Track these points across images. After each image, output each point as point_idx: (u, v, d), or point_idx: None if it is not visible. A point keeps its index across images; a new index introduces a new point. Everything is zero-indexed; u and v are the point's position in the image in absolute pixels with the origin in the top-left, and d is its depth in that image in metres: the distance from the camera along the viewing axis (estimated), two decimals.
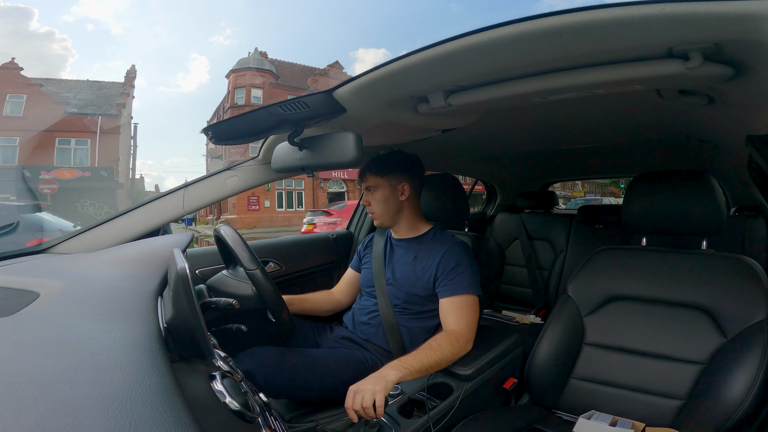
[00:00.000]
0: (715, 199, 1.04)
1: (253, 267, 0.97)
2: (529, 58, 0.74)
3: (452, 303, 1.19)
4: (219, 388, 0.52)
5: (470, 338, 1.16)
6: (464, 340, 1.14)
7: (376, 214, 1.33)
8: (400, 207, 1.33)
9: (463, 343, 1.14)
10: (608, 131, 1.51)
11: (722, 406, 0.90)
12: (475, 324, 1.19)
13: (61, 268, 0.84)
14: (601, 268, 1.20)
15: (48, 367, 0.38)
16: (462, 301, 1.19)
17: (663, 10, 0.57)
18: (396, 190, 1.31)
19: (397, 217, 1.34)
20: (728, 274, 1.02)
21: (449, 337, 1.13)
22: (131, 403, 0.34)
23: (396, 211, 1.33)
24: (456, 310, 1.19)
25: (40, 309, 0.55)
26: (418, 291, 1.25)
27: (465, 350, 1.14)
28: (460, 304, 1.19)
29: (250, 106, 14.57)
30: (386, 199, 1.31)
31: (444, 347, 1.09)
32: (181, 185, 1.26)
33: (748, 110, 0.92)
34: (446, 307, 1.20)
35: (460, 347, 1.13)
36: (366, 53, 46.79)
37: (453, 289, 1.20)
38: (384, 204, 1.31)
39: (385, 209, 1.31)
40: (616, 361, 1.11)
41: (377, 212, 1.32)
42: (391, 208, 1.32)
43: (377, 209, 1.32)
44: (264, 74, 19.58)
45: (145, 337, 0.48)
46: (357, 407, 0.90)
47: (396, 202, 1.32)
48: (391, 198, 1.31)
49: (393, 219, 1.34)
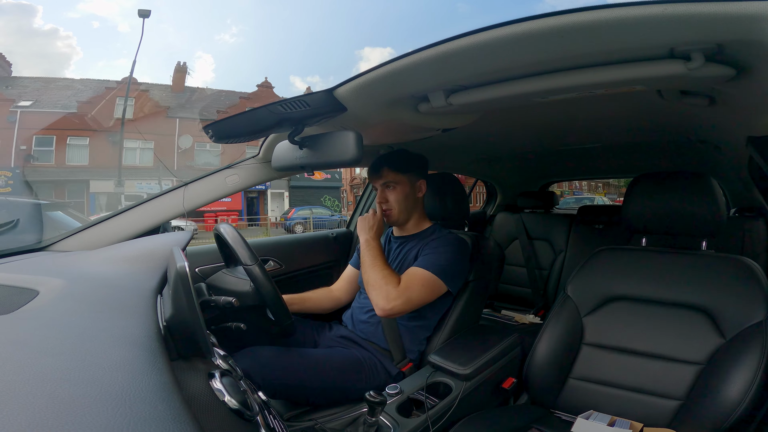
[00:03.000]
0: (714, 200, 1.04)
1: (251, 263, 0.97)
2: (530, 58, 0.74)
3: (411, 270, 1.19)
4: (218, 386, 0.52)
5: (395, 300, 1.10)
6: (396, 295, 1.10)
7: (394, 211, 1.32)
8: (416, 204, 1.34)
9: (393, 296, 1.10)
10: (609, 131, 1.50)
11: (720, 406, 0.90)
12: (416, 299, 1.14)
13: (60, 266, 0.84)
14: (601, 269, 1.20)
15: (47, 365, 0.37)
16: (419, 273, 1.17)
17: (665, 10, 0.57)
18: (415, 187, 1.33)
19: (411, 214, 1.35)
20: (727, 275, 1.02)
21: (393, 286, 1.12)
22: (130, 401, 0.34)
23: (412, 208, 1.34)
24: (408, 276, 1.17)
25: (39, 307, 0.55)
26: None
27: (379, 305, 1.11)
28: (416, 273, 1.17)
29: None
30: (406, 195, 1.32)
31: (386, 281, 1.13)
32: (181, 183, 1.26)
33: (749, 111, 0.92)
34: (409, 272, 1.18)
35: (386, 299, 1.10)
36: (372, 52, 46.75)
37: (419, 263, 1.20)
38: (404, 201, 1.32)
39: (404, 206, 1.32)
40: (615, 362, 1.11)
41: (396, 209, 1.32)
42: (410, 204, 1.33)
43: (397, 206, 1.31)
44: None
45: (145, 335, 0.48)
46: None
47: (414, 198, 1.33)
48: (410, 194, 1.32)
49: (408, 216, 1.34)
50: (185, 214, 1.23)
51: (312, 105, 0.91)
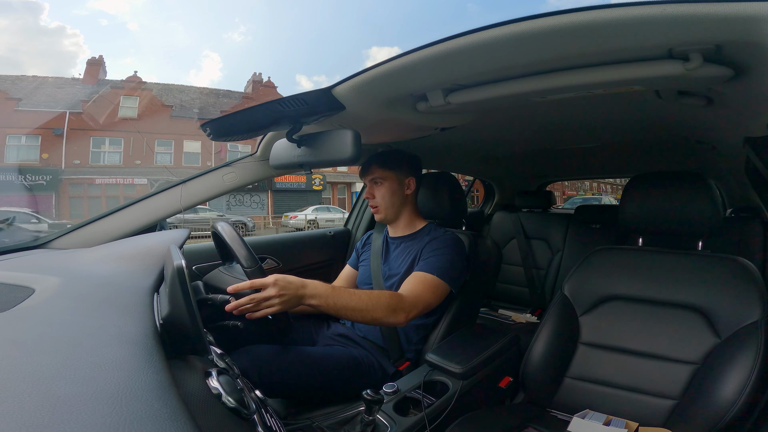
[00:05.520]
0: (711, 200, 1.05)
1: (251, 265, 0.96)
2: (528, 58, 0.74)
3: (416, 275, 1.19)
4: (215, 385, 0.52)
5: (410, 310, 1.10)
6: (403, 307, 1.08)
7: (380, 207, 1.33)
8: (405, 201, 1.34)
9: (401, 310, 1.08)
10: (607, 131, 1.51)
11: (715, 406, 0.90)
12: (425, 304, 1.15)
13: (57, 264, 0.84)
14: (597, 268, 1.21)
15: (43, 363, 0.37)
16: (425, 278, 1.17)
17: (664, 11, 0.57)
18: (403, 184, 1.33)
19: (399, 211, 1.35)
20: (723, 275, 1.03)
21: (392, 297, 1.09)
22: (126, 400, 0.34)
23: (400, 205, 1.34)
24: (415, 281, 1.17)
25: (35, 305, 0.55)
26: None
27: (398, 318, 1.08)
28: (422, 278, 1.17)
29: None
30: (393, 192, 1.32)
31: (379, 302, 1.05)
32: (178, 181, 1.25)
33: (746, 112, 0.92)
34: (410, 278, 1.19)
35: (396, 312, 1.07)
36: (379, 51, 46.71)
37: (421, 267, 1.20)
38: (390, 197, 1.32)
39: (390, 202, 1.32)
40: (611, 361, 1.11)
41: (382, 205, 1.33)
42: (397, 201, 1.33)
43: (382, 202, 1.32)
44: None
45: (141, 333, 0.47)
46: (255, 297, 0.92)
47: (402, 195, 1.33)
48: (397, 191, 1.33)
49: (396, 213, 1.35)
50: (182, 213, 1.23)
51: (310, 103, 0.91)
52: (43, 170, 14.71)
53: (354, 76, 0.87)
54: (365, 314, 1.03)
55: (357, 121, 1.05)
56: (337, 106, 0.95)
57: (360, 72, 0.86)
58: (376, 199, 1.33)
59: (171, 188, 1.23)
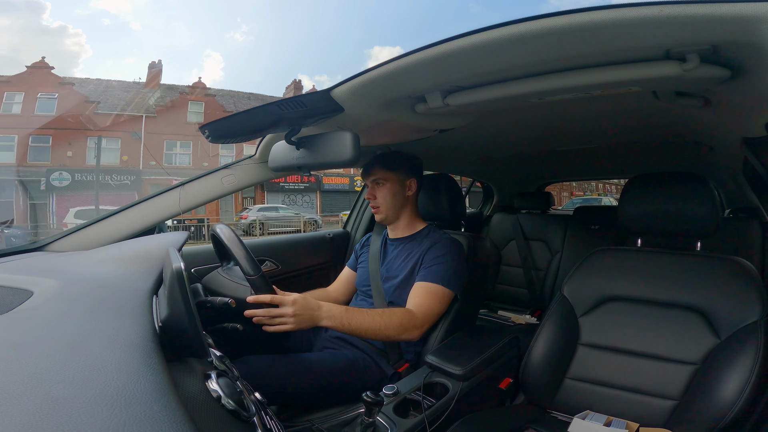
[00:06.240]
0: (709, 201, 1.05)
1: (253, 273, 0.97)
2: (526, 59, 0.74)
3: (422, 287, 1.20)
4: (214, 387, 0.52)
5: (423, 325, 1.15)
6: (416, 324, 1.13)
7: (381, 208, 1.33)
8: (405, 202, 1.35)
9: (413, 327, 1.12)
10: (605, 132, 1.51)
11: (715, 406, 0.90)
12: (435, 315, 1.18)
13: (55, 266, 0.84)
14: (597, 269, 1.21)
15: (41, 366, 0.37)
16: (432, 289, 1.19)
17: (661, 12, 0.57)
18: (404, 185, 1.34)
19: (400, 212, 1.35)
20: (722, 276, 1.03)
21: (404, 314, 1.12)
22: (126, 403, 0.34)
23: (401, 206, 1.34)
24: (423, 294, 1.18)
25: (33, 307, 0.54)
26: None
27: (412, 335, 1.13)
28: (429, 290, 1.19)
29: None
30: (394, 193, 1.33)
31: (392, 320, 1.09)
32: (177, 183, 1.25)
33: (743, 113, 0.93)
34: (416, 289, 1.20)
35: (409, 329, 1.11)
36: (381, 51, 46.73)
37: (425, 276, 1.21)
38: (392, 198, 1.33)
39: (391, 203, 1.33)
40: (611, 362, 1.11)
41: (383, 205, 1.33)
42: (398, 202, 1.33)
43: (384, 202, 1.33)
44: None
45: (140, 336, 0.47)
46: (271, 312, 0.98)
47: (403, 196, 1.34)
48: (399, 192, 1.33)
49: (397, 214, 1.35)
50: (181, 215, 1.22)
51: (309, 105, 0.91)
52: (126, 170, 15.51)
53: (352, 78, 0.87)
54: (378, 333, 1.08)
55: (356, 123, 1.05)
56: (336, 108, 0.95)
57: (358, 74, 0.86)
58: (378, 199, 1.33)
59: (169, 190, 1.23)
